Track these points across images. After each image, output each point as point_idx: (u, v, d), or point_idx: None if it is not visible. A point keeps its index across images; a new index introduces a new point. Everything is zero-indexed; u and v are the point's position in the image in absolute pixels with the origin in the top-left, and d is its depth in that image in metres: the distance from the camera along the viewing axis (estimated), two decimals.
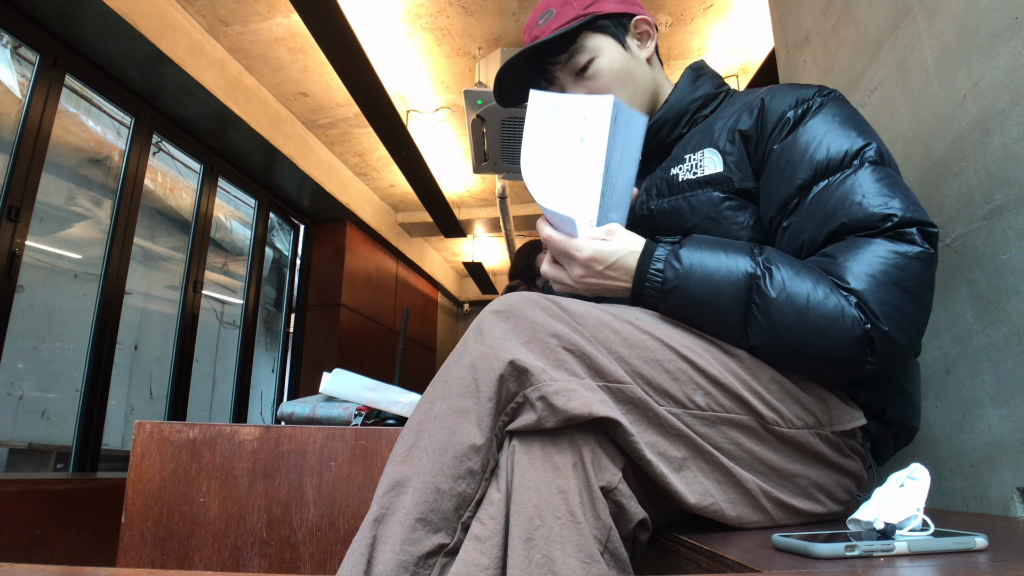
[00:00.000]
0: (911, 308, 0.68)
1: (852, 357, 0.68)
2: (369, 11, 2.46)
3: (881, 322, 0.66)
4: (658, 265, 0.73)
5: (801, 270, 0.70)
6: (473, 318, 0.66)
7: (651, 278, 0.73)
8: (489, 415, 0.59)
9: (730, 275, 0.70)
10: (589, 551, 0.56)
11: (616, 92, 0.91)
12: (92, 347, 2.38)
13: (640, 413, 0.63)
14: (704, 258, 0.72)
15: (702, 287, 0.70)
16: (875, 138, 0.77)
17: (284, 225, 3.99)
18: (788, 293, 0.68)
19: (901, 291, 0.68)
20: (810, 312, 0.67)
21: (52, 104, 2.21)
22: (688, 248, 0.73)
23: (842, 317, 0.67)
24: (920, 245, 0.69)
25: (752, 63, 2.82)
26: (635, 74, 0.94)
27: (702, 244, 0.74)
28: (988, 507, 0.91)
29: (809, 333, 0.67)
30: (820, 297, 0.67)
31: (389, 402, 1.15)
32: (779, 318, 0.68)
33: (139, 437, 1.04)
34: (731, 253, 0.72)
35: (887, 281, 0.67)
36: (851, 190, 0.73)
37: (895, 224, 0.70)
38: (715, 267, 0.71)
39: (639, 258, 0.75)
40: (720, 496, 0.65)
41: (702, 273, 0.71)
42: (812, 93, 0.81)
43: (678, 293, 0.71)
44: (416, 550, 0.56)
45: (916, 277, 0.68)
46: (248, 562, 0.98)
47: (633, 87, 0.93)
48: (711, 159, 0.85)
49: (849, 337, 0.67)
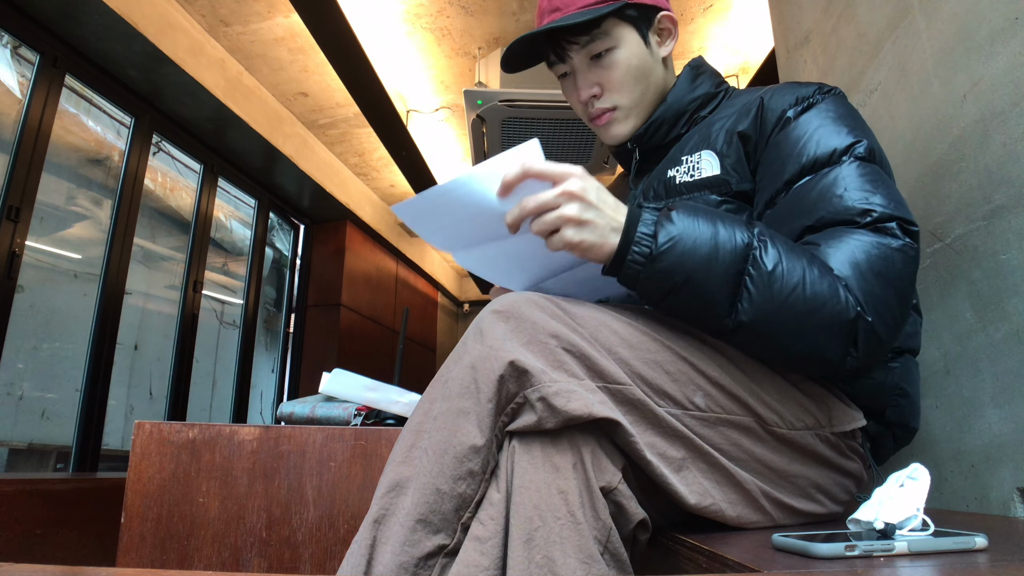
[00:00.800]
0: (892, 300, 0.67)
1: (836, 346, 0.66)
2: (369, 11, 2.46)
3: (865, 311, 0.65)
4: (646, 228, 0.66)
5: (794, 247, 0.68)
6: (473, 318, 0.65)
7: (639, 241, 0.65)
8: (489, 416, 0.59)
9: (726, 243, 0.65)
10: (589, 552, 0.56)
11: (628, 88, 0.90)
12: (92, 347, 2.38)
13: (640, 414, 0.63)
14: (698, 224, 0.66)
15: (695, 254, 0.65)
16: (868, 135, 0.76)
17: (284, 225, 3.99)
18: (784, 267, 0.65)
19: (884, 281, 0.66)
20: (806, 289, 0.64)
21: (52, 104, 2.21)
22: (680, 212, 0.67)
23: (837, 296, 0.64)
24: (902, 239, 0.68)
25: (752, 63, 2.82)
26: (650, 73, 0.91)
27: (695, 210, 0.68)
28: (988, 507, 0.91)
29: (801, 312, 0.64)
30: (815, 275, 0.65)
31: (389, 402, 1.15)
32: (774, 292, 0.64)
33: (138, 437, 1.04)
34: (726, 222, 0.67)
35: (870, 270, 0.66)
36: (833, 183, 0.72)
37: (874, 219, 0.69)
38: (711, 233, 0.66)
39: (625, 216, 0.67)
40: (720, 496, 0.65)
41: (696, 239, 0.65)
42: (812, 91, 0.80)
43: (668, 258, 0.64)
44: (416, 551, 0.56)
45: (899, 269, 0.67)
46: (248, 562, 0.98)
47: (645, 86, 0.91)
48: (708, 161, 0.84)
49: (842, 319, 0.64)
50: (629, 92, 0.90)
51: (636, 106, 0.92)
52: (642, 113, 0.93)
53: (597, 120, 0.93)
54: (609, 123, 0.93)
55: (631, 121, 0.93)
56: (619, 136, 0.94)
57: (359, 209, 4.01)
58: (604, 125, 0.93)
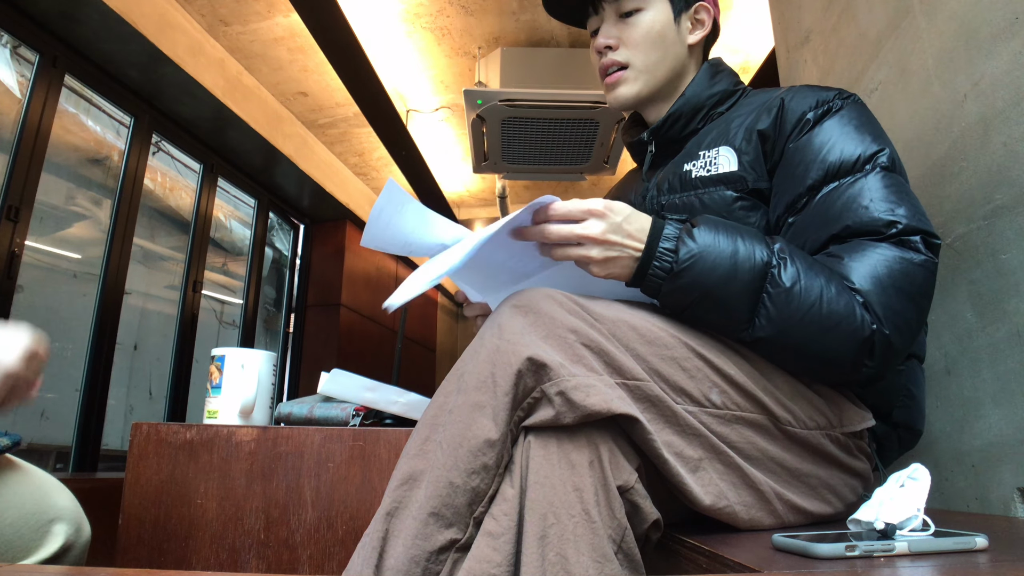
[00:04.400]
0: (912, 315, 0.68)
1: (851, 359, 0.67)
2: (369, 11, 2.46)
3: (884, 325, 0.66)
4: (668, 244, 0.68)
5: (814, 264, 0.69)
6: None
7: (661, 256, 0.67)
8: (505, 410, 0.58)
9: (745, 261, 0.67)
10: (603, 551, 0.55)
11: (644, 49, 0.93)
12: (92, 347, 2.38)
13: (657, 411, 0.62)
14: (719, 240, 0.68)
15: (715, 271, 0.67)
16: (889, 144, 0.77)
17: (284, 225, 3.99)
18: (803, 285, 0.66)
19: (905, 296, 0.67)
20: (823, 307, 0.66)
21: (52, 104, 2.21)
22: (702, 228, 0.69)
23: (853, 315, 0.66)
24: (924, 253, 0.69)
25: (752, 63, 2.82)
26: (670, 46, 0.94)
27: (717, 226, 0.70)
28: (988, 507, 0.91)
29: (818, 329, 0.66)
30: (832, 293, 0.66)
31: (387, 402, 1.15)
32: (792, 310, 0.66)
33: (136, 439, 1.04)
34: (747, 239, 0.69)
35: (892, 285, 0.67)
36: (859, 193, 0.73)
37: (899, 231, 0.69)
38: (731, 251, 0.67)
39: (648, 232, 0.69)
40: (735, 499, 0.65)
41: (717, 256, 0.67)
42: (832, 95, 0.81)
43: (688, 274, 0.67)
44: (428, 545, 0.56)
45: (919, 284, 0.68)
46: (246, 563, 0.98)
47: (662, 55, 0.94)
48: (726, 157, 0.84)
49: (857, 337, 0.66)
50: (644, 54, 0.94)
51: (647, 71, 0.94)
52: (650, 82, 0.95)
53: (608, 78, 0.97)
54: (616, 83, 0.96)
55: (638, 84, 0.95)
56: (622, 97, 0.96)
57: (359, 209, 4.01)
58: (611, 84, 0.96)
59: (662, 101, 0.98)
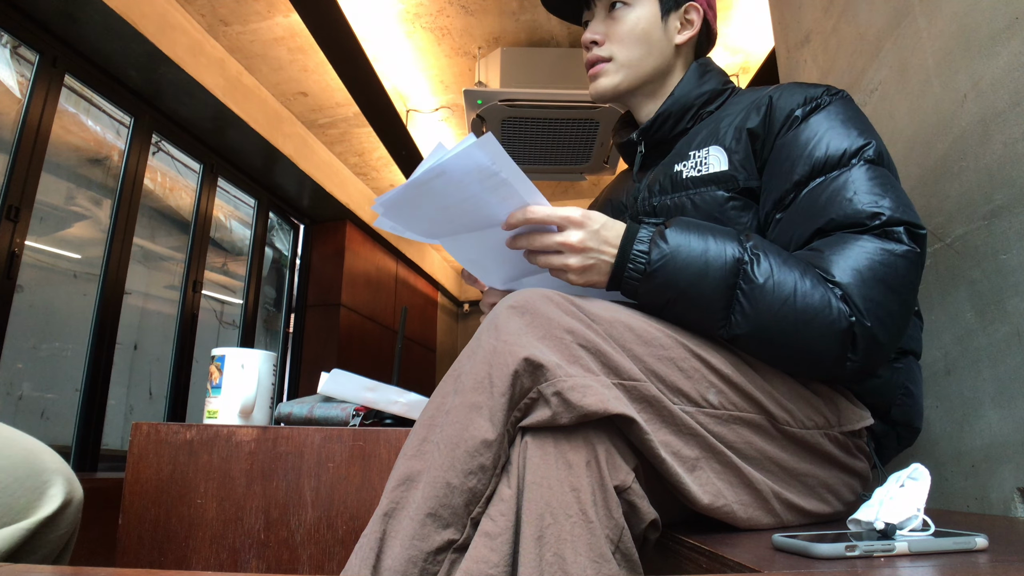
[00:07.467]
0: (894, 306, 0.68)
1: (834, 352, 0.67)
2: (369, 10, 2.46)
3: (865, 317, 0.66)
4: (641, 246, 0.70)
5: (788, 259, 0.69)
6: (473, 318, 0.66)
7: (634, 259, 0.70)
8: (502, 410, 0.58)
9: (716, 259, 0.68)
10: (601, 551, 0.55)
11: (627, 45, 0.94)
12: (92, 347, 2.38)
13: (654, 411, 0.63)
14: (690, 240, 0.70)
15: (687, 270, 0.68)
16: (876, 138, 0.76)
17: (284, 225, 3.99)
18: (775, 280, 0.67)
19: (886, 288, 0.67)
20: (796, 301, 0.66)
21: (51, 104, 2.21)
22: (674, 229, 0.71)
23: (828, 308, 0.66)
24: (907, 244, 0.69)
25: (752, 63, 2.82)
26: (653, 42, 0.95)
27: (688, 226, 0.71)
28: (988, 507, 0.91)
29: (793, 323, 0.66)
30: (807, 287, 0.67)
31: (388, 402, 1.15)
32: (765, 305, 0.67)
33: (136, 439, 1.04)
34: (718, 237, 0.70)
35: (872, 277, 0.67)
36: (843, 186, 0.73)
37: (883, 223, 0.69)
38: (702, 250, 0.69)
39: (622, 237, 0.71)
40: (732, 498, 0.65)
41: (688, 255, 0.69)
42: (821, 92, 0.81)
43: (662, 274, 0.69)
44: (425, 545, 0.56)
45: (902, 275, 0.68)
46: (246, 563, 0.98)
47: (646, 51, 0.95)
48: (716, 157, 0.84)
49: (834, 329, 0.66)
50: (627, 49, 0.95)
51: (628, 66, 0.95)
52: (631, 76, 0.96)
53: (591, 69, 0.98)
54: (598, 74, 0.97)
55: (618, 76, 0.96)
56: (601, 88, 0.97)
57: (359, 209, 4.01)
58: (593, 76, 0.98)
59: (649, 99, 0.98)
